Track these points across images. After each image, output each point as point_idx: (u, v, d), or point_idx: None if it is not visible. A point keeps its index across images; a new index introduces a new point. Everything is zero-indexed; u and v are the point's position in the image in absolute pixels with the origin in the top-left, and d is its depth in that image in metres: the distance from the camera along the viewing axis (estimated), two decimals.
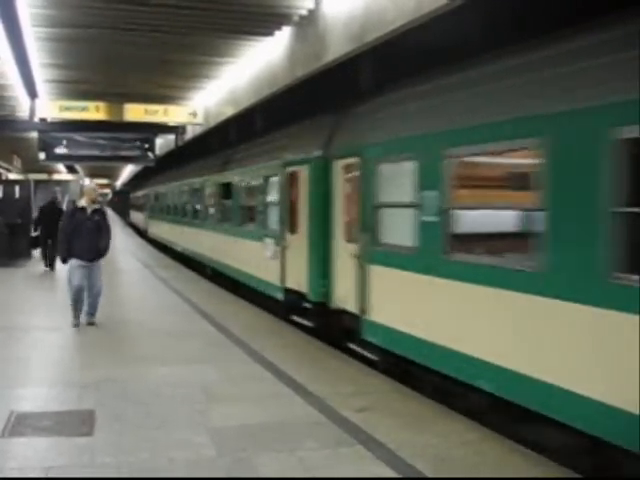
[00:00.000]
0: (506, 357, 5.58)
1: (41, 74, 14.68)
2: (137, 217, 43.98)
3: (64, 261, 9.97)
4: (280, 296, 11.02)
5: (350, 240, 8.58)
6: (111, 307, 11.26)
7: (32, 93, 16.32)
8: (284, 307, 10.89)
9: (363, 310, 8.06)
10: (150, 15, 10.16)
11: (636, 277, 4.42)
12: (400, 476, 4.69)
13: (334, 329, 9.20)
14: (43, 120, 17.56)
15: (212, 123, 17.54)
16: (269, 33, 11.14)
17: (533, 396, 5.30)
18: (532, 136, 5.35)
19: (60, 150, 18.14)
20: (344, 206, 8.93)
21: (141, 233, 37.82)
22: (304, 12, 9.87)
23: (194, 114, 17.34)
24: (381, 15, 7.78)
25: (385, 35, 7.93)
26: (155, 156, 18.98)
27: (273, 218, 11.78)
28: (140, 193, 41.52)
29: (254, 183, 13.27)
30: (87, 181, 8.80)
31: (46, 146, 18.00)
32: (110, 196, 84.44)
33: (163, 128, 18.54)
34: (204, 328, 10.14)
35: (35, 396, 6.59)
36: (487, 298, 5.84)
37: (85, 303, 10.00)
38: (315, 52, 9.71)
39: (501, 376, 5.61)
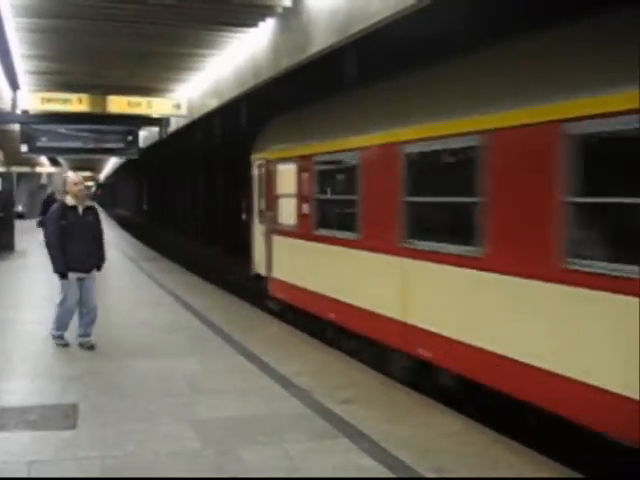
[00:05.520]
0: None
1: (23, 65, 14.54)
2: None
3: (64, 276, 8.06)
4: None
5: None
6: None
7: (14, 85, 16.17)
8: None
9: None
10: (133, 6, 10.08)
11: None
12: (395, 476, 4.66)
13: None
14: (25, 112, 17.38)
15: (196, 115, 17.47)
16: (253, 25, 11.08)
17: None
18: None
19: (43, 142, 17.96)
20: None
21: None
22: (288, 4, 9.83)
23: (178, 106, 17.22)
24: (365, 7, 7.77)
25: (369, 27, 7.92)
26: (139, 148, 18.85)
27: None
28: None
29: None
30: (70, 173, 8.20)
31: (28, 138, 17.78)
32: (94, 189, 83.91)
33: (147, 120, 18.42)
34: (189, 321, 10.11)
35: (18, 389, 6.56)
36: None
37: (78, 323, 8.32)
38: (299, 44, 9.68)
39: None
